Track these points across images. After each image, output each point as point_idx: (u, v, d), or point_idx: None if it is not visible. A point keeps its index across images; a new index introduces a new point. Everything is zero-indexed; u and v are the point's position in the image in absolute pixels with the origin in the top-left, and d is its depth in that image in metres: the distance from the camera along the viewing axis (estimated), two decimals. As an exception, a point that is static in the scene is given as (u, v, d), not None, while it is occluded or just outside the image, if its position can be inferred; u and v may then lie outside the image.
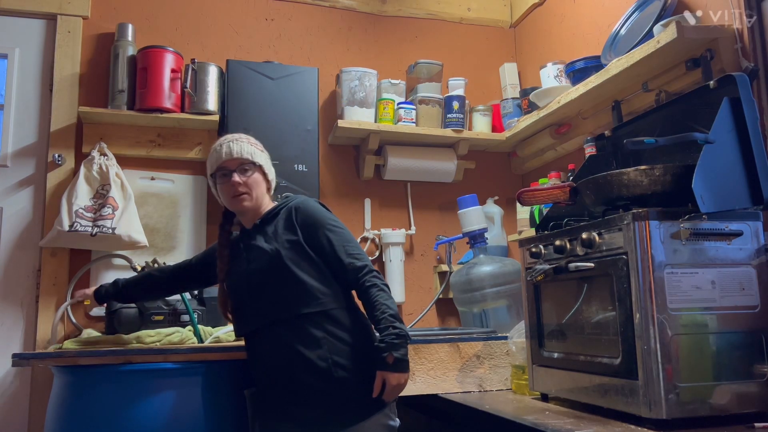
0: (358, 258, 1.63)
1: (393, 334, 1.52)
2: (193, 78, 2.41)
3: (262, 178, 1.74)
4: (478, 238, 2.35)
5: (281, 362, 1.61)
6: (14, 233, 2.31)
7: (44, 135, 2.38)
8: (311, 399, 1.57)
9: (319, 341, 1.58)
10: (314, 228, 1.65)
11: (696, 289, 1.32)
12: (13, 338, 2.25)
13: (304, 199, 1.73)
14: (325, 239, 1.63)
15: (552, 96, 2.33)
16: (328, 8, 2.82)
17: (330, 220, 1.67)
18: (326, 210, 1.72)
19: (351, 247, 1.64)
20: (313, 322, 1.59)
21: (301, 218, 1.66)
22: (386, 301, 1.57)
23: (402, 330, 1.54)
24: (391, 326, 1.53)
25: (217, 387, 1.81)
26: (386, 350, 1.51)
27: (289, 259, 1.61)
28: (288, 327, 1.61)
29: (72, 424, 1.71)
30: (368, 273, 1.61)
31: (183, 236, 2.45)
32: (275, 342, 1.62)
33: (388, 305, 1.56)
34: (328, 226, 1.65)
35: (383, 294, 1.58)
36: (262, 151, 1.77)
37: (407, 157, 2.68)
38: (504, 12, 3.06)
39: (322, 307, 1.61)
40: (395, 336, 1.52)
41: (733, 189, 1.40)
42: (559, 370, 1.59)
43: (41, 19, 2.45)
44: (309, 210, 1.68)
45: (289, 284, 1.61)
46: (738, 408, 1.29)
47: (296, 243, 1.63)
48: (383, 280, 1.62)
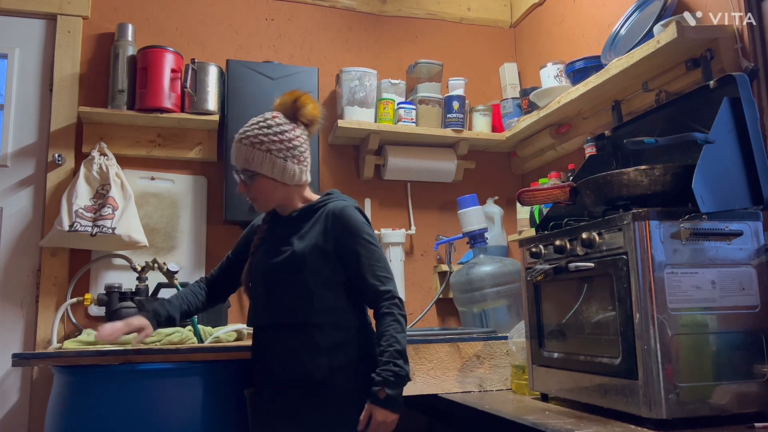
0: (383, 281, 1.58)
1: (392, 371, 1.48)
2: (193, 78, 2.41)
3: (269, 184, 1.63)
4: (478, 238, 2.35)
5: (282, 364, 1.60)
6: (14, 233, 2.31)
7: (44, 135, 2.38)
8: (305, 406, 1.56)
9: (322, 351, 1.56)
10: (347, 240, 1.59)
11: (696, 289, 1.32)
12: (13, 338, 2.25)
13: (344, 206, 1.64)
14: (355, 254, 1.58)
15: (552, 96, 2.33)
16: (328, 8, 2.82)
17: (365, 235, 1.61)
18: (364, 221, 1.64)
19: (379, 267, 1.59)
20: (321, 332, 1.57)
21: (336, 227, 1.60)
22: (397, 334, 1.52)
23: (402, 370, 1.50)
24: (393, 362, 1.49)
25: (217, 387, 1.81)
26: (380, 385, 1.48)
27: (312, 266, 1.57)
28: (295, 331, 1.59)
29: (72, 424, 1.71)
30: (389, 299, 1.56)
31: (183, 236, 2.45)
32: (280, 343, 1.61)
33: (398, 339, 1.52)
34: (362, 241, 1.59)
35: (396, 326, 1.53)
36: (267, 151, 1.60)
37: (407, 157, 2.68)
38: (504, 12, 3.06)
39: (333, 320, 1.58)
40: (393, 374, 1.48)
41: (733, 189, 1.40)
42: (559, 370, 1.59)
43: (41, 19, 2.45)
44: (346, 219, 1.61)
45: (305, 290, 1.58)
46: (738, 408, 1.29)
47: (324, 251, 1.59)
48: (402, 309, 1.57)
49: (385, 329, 1.53)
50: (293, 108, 1.66)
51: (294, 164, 1.63)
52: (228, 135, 2.38)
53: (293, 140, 1.63)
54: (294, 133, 1.64)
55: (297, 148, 1.64)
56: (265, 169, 1.61)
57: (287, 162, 1.62)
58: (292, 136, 1.63)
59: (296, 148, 1.64)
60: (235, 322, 2.40)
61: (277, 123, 1.64)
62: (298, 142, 1.65)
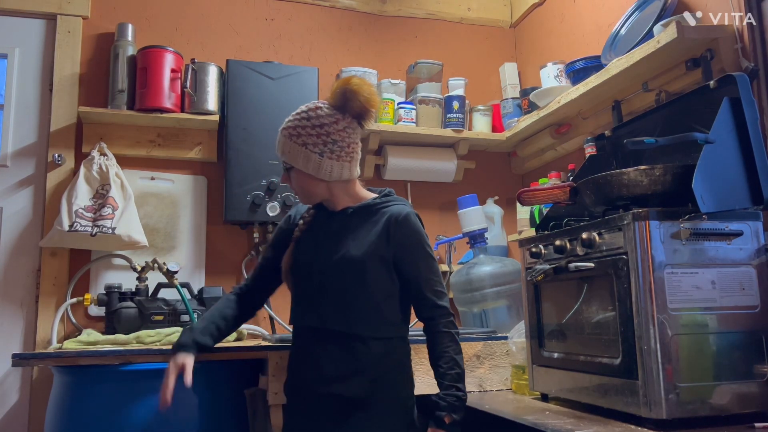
0: (440, 296, 1.53)
1: (456, 396, 1.47)
2: (193, 78, 2.41)
3: (305, 178, 1.55)
4: (478, 238, 2.35)
5: (323, 375, 1.51)
6: (14, 233, 2.31)
7: (44, 135, 2.38)
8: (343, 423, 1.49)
9: (365, 366, 1.49)
10: (409, 251, 1.53)
11: (696, 289, 1.32)
12: (13, 338, 2.25)
13: (408, 214, 1.55)
14: (415, 266, 1.53)
15: (552, 96, 2.33)
16: (328, 8, 2.82)
17: (426, 247, 1.55)
18: (424, 231, 1.58)
19: (437, 282, 1.54)
20: (366, 344, 1.50)
21: (400, 235, 1.52)
22: (456, 356, 1.50)
23: (464, 394, 1.48)
24: (456, 387, 1.47)
25: (217, 387, 1.81)
26: (445, 410, 1.45)
27: (373, 274, 1.50)
28: (341, 341, 1.50)
29: (72, 424, 1.71)
30: (444, 316, 1.52)
31: (183, 236, 2.45)
32: (323, 351, 1.51)
33: (457, 362, 1.49)
34: (423, 253, 1.54)
35: (455, 347, 1.51)
36: (303, 145, 1.51)
37: (407, 157, 2.68)
38: (504, 12, 3.06)
39: (380, 332, 1.51)
40: (457, 399, 1.47)
41: (733, 189, 1.40)
42: (559, 370, 1.59)
43: (41, 19, 2.45)
44: (410, 229, 1.54)
45: (362, 300, 1.50)
46: (738, 408, 1.29)
47: (384, 259, 1.51)
48: (456, 328, 1.54)
49: (444, 350, 1.50)
50: (342, 98, 1.53)
51: (331, 160, 1.52)
52: (228, 135, 2.38)
53: (333, 134, 1.52)
54: (336, 127, 1.52)
55: (337, 143, 1.52)
56: (300, 164, 1.53)
57: (323, 158, 1.51)
58: (332, 129, 1.52)
59: (335, 143, 1.52)
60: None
61: (317, 115, 1.53)
62: (339, 136, 1.52)
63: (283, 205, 2.37)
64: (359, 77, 1.57)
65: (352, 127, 1.56)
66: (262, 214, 2.36)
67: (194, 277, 2.41)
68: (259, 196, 2.34)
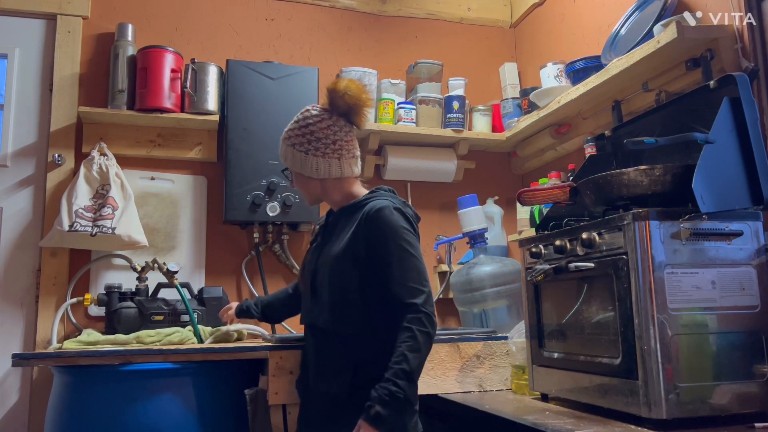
0: (411, 293, 1.44)
1: (388, 390, 1.37)
2: (193, 78, 2.41)
3: (300, 178, 1.63)
4: (478, 238, 2.35)
5: (314, 371, 1.58)
6: (14, 233, 2.31)
7: (44, 135, 2.38)
8: (327, 420, 1.53)
9: (347, 367, 1.51)
10: (379, 244, 1.49)
11: (696, 289, 1.32)
12: (13, 338, 2.25)
13: (382, 207, 1.52)
14: (384, 260, 1.47)
15: (552, 96, 2.33)
16: (328, 8, 2.82)
17: (400, 239, 1.48)
18: (403, 224, 1.51)
19: (409, 277, 1.46)
20: (347, 345, 1.52)
21: (370, 229, 1.50)
22: (409, 352, 1.39)
23: (400, 391, 1.37)
24: (393, 381, 1.38)
25: (217, 387, 1.81)
26: (373, 401, 1.37)
27: (341, 271, 1.51)
28: (326, 339, 1.55)
29: (72, 424, 1.71)
30: (413, 312, 1.43)
31: (183, 236, 2.45)
32: (315, 348, 1.59)
33: (407, 358, 1.39)
34: (393, 247, 1.48)
35: (411, 343, 1.40)
36: (291, 146, 1.59)
37: (407, 157, 2.68)
38: (504, 12, 3.06)
39: (362, 332, 1.52)
40: (389, 393, 1.37)
41: (733, 189, 1.40)
42: (559, 370, 1.59)
43: (41, 19, 2.45)
44: (380, 222, 1.50)
45: (332, 297, 1.53)
46: (738, 408, 1.29)
47: (356, 255, 1.51)
48: (426, 326, 1.42)
49: (399, 345, 1.41)
50: (329, 97, 1.60)
51: (316, 157, 1.57)
52: (228, 135, 2.38)
53: (316, 132, 1.57)
54: (320, 125, 1.58)
55: (321, 140, 1.57)
56: (291, 164, 1.62)
57: (308, 155, 1.58)
58: (315, 128, 1.58)
59: (319, 140, 1.57)
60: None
61: (304, 117, 1.60)
62: (323, 134, 1.57)
63: (283, 205, 2.37)
64: (349, 79, 1.62)
65: (339, 125, 1.60)
66: (262, 214, 2.36)
67: (194, 277, 2.41)
68: (259, 196, 2.34)
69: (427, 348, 1.44)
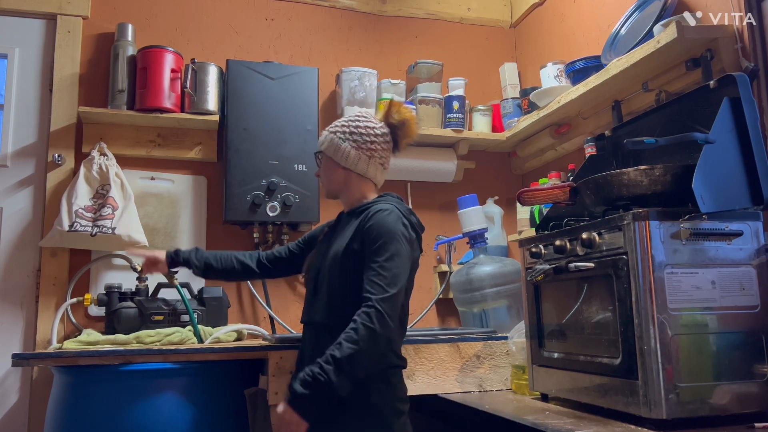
0: (376, 290, 1.46)
1: (312, 372, 1.39)
2: (193, 78, 2.41)
3: (334, 166, 1.67)
4: (478, 238, 2.35)
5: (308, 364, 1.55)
6: (14, 233, 2.31)
7: (44, 135, 2.38)
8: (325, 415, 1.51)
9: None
10: (371, 243, 1.53)
11: (696, 289, 1.32)
12: (13, 338, 2.25)
13: (380, 210, 1.57)
14: (372, 260, 1.51)
15: (552, 96, 2.33)
16: (328, 8, 2.82)
17: (390, 241, 1.51)
18: (400, 229, 1.55)
19: (382, 276, 1.48)
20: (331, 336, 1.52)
21: (367, 230, 1.55)
22: (344, 341, 1.41)
23: (323, 375, 1.38)
24: (320, 365, 1.39)
25: (217, 387, 1.81)
26: (293, 380, 1.42)
27: (342, 267, 1.56)
28: (325, 333, 1.56)
29: (72, 424, 1.71)
30: (365, 306, 1.45)
31: (183, 236, 2.45)
32: (313, 344, 1.60)
33: (341, 345, 1.40)
34: (383, 248, 1.51)
35: (350, 334, 1.42)
36: (333, 132, 1.67)
37: (407, 157, 2.67)
38: (504, 12, 3.06)
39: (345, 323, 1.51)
40: (311, 375, 1.39)
41: (733, 189, 1.40)
42: (559, 370, 1.59)
43: (41, 19, 2.45)
44: (378, 225, 1.54)
45: (332, 291, 1.58)
46: (738, 408, 1.29)
47: (355, 252, 1.56)
48: (372, 321, 1.42)
49: (342, 334, 1.43)
50: (389, 109, 1.70)
51: (351, 147, 1.65)
52: (228, 135, 2.38)
53: (360, 128, 1.67)
54: (367, 124, 1.67)
55: (362, 135, 1.66)
56: (326, 147, 1.68)
57: (344, 143, 1.66)
58: (362, 125, 1.67)
59: (361, 136, 1.66)
60: (235, 322, 2.40)
61: (357, 116, 1.70)
62: (366, 131, 1.66)
63: (283, 205, 2.37)
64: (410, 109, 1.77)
65: (383, 132, 1.69)
66: (262, 214, 2.36)
67: (194, 277, 2.40)
68: (259, 196, 2.34)
69: (367, 344, 1.42)
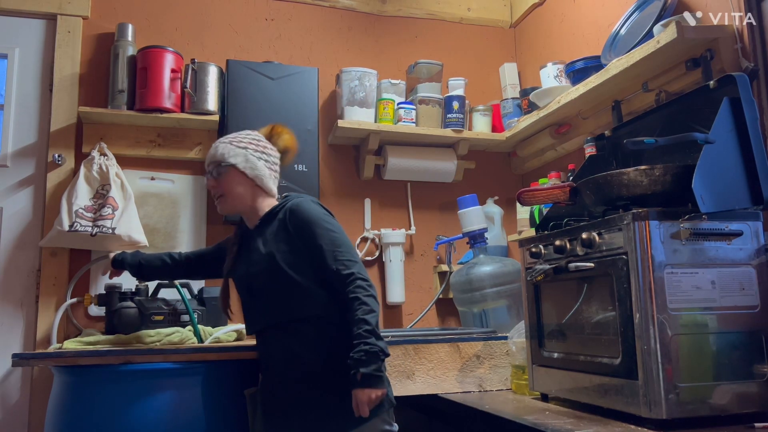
0: (347, 265, 1.57)
1: (362, 351, 1.47)
2: (193, 78, 2.41)
3: (240, 178, 1.70)
4: (478, 238, 2.35)
5: (280, 365, 1.63)
6: (14, 233, 2.31)
7: (44, 135, 2.38)
8: (307, 404, 1.58)
9: (316, 346, 1.59)
10: (307, 231, 1.62)
11: (696, 289, 1.32)
12: (13, 338, 2.25)
13: (300, 201, 1.69)
14: (316, 245, 1.60)
15: (552, 96, 2.33)
16: (328, 8, 2.82)
17: (323, 222, 1.63)
18: (321, 211, 1.67)
19: (340, 252, 1.59)
20: (312, 326, 1.61)
21: (294, 221, 1.64)
22: (364, 316, 1.51)
23: (372, 346, 1.48)
24: (363, 342, 1.48)
25: (217, 387, 1.81)
26: (354, 367, 1.48)
27: (285, 262, 1.61)
28: (286, 330, 1.62)
29: (72, 424, 1.71)
30: (352, 282, 1.55)
31: (183, 236, 2.45)
32: (275, 344, 1.65)
33: (366, 320, 1.50)
34: (320, 230, 1.61)
35: (363, 308, 1.52)
36: (244, 147, 1.71)
37: (407, 157, 2.68)
38: (504, 12, 3.06)
39: (320, 311, 1.60)
40: (364, 353, 1.47)
41: (733, 189, 1.40)
42: (559, 370, 1.59)
43: (41, 19, 2.45)
44: (302, 212, 1.64)
45: (286, 288, 1.61)
46: (738, 408, 1.29)
47: (292, 246, 1.62)
48: (368, 290, 1.55)
49: (353, 314, 1.52)
50: (270, 134, 1.80)
51: (265, 166, 1.72)
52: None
53: (267, 148, 1.75)
54: (269, 146, 1.76)
55: (270, 155, 1.75)
56: (239, 161, 1.69)
57: (259, 161, 1.71)
58: (256, 138, 1.75)
59: (269, 155, 1.75)
60: (235, 322, 2.40)
61: (256, 134, 1.77)
62: (271, 151, 1.76)
63: (283, 205, 2.37)
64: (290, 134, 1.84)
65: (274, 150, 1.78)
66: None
67: (194, 277, 2.41)
68: (259, 196, 2.34)
69: (377, 307, 1.55)
